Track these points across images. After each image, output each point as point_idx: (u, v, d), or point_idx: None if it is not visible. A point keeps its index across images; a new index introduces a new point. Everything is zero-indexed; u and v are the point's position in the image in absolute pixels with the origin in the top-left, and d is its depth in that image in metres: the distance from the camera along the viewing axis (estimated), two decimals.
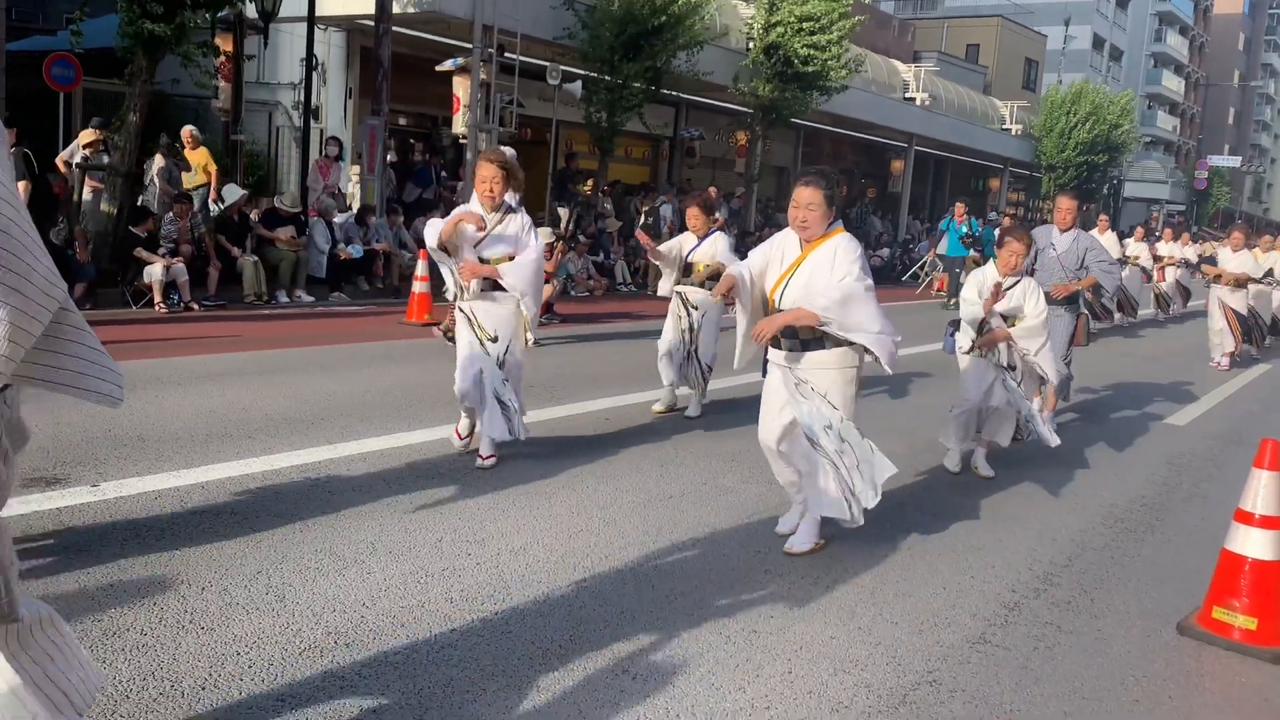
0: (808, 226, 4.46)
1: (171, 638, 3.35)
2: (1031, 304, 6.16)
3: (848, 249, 4.42)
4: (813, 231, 4.47)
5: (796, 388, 4.52)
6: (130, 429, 5.83)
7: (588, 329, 12.02)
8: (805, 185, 4.46)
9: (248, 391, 7.06)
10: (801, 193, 4.45)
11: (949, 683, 3.52)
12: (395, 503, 4.90)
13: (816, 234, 4.48)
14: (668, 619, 3.82)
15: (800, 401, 4.52)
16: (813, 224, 4.45)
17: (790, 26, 20.51)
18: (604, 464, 5.92)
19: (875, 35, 30.64)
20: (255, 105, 16.91)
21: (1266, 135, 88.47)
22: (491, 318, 5.59)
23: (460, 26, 16.47)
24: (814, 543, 4.68)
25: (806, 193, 4.43)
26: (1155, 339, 15.73)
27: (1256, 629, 3.99)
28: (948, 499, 5.78)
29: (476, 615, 3.72)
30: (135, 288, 10.87)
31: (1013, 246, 6.23)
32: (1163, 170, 56.84)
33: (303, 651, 3.34)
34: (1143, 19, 62.42)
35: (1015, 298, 6.19)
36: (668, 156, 24.31)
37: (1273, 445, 4.08)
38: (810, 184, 4.45)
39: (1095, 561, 4.94)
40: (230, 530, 4.36)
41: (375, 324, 11.19)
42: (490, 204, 5.50)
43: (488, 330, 5.59)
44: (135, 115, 11.73)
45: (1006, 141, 35.83)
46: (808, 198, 4.43)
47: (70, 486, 4.75)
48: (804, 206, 4.44)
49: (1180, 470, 7.01)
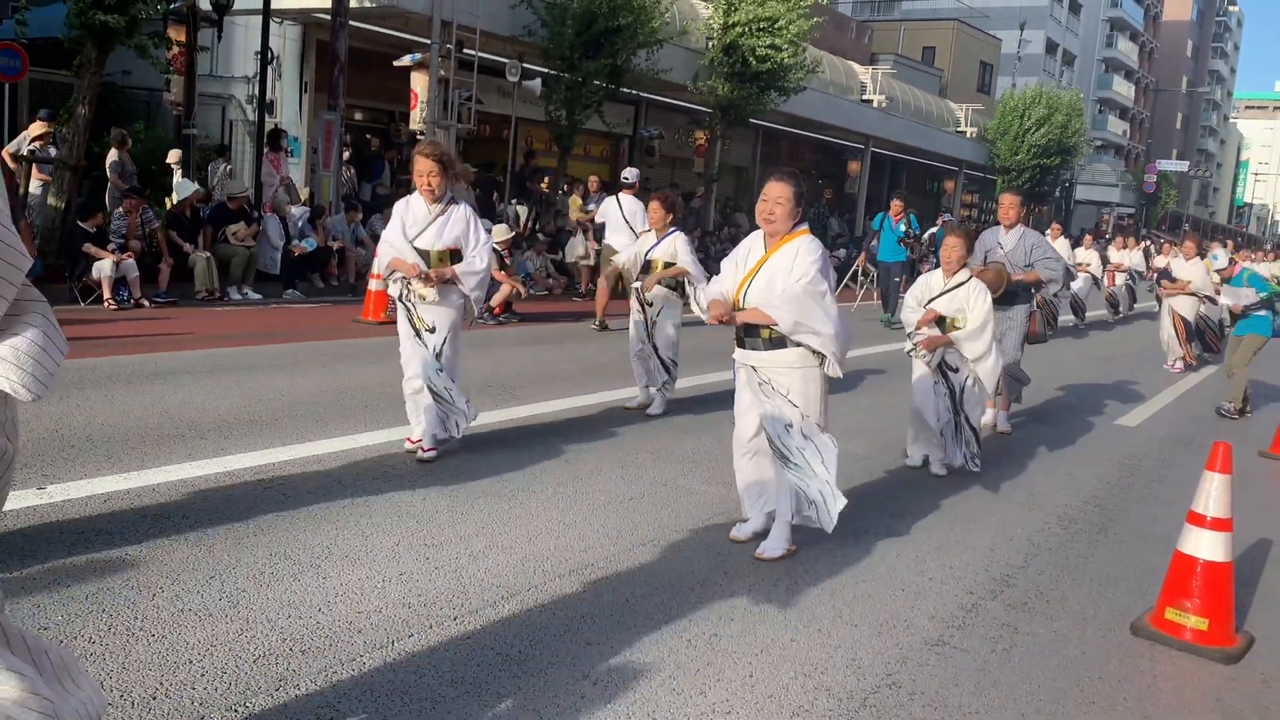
0: (773, 220, 4.50)
1: (121, 645, 3.27)
2: (976, 306, 6.18)
3: (808, 250, 4.47)
4: (778, 227, 4.51)
5: (760, 387, 4.57)
6: (79, 429, 5.70)
7: (547, 328, 11.97)
8: (776, 180, 4.54)
9: (200, 391, 6.93)
10: (771, 187, 4.51)
11: (908, 685, 3.53)
12: (351, 505, 4.83)
13: (781, 230, 4.52)
14: (628, 623, 3.80)
15: (763, 401, 4.56)
16: (779, 219, 4.49)
17: (750, 27, 20.58)
18: (564, 465, 5.88)
19: (833, 37, 30.81)
20: (209, 99, 16.66)
21: (1213, 140, 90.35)
22: (431, 310, 5.60)
23: (419, 22, 16.33)
24: (785, 548, 4.66)
25: (776, 187, 4.50)
26: (1106, 340, 15.97)
27: (1208, 629, 4.05)
28: (906, 499, 5.81)
29: (434, 620, 3.67)
30: (84, 283, 10.65)
31: (949, 242, 6.36)
32: (1113, 174, 57.82)
33: (257, 658, 3.27)
34: (1095, 24, 63.38)
35: (959, 299, 6.23)
36: (627, 155, 24.29)
37: (1223, 449, 4.15)
38: (780, 179, 4.54)
39: (1051, 562, 4.99)
40: (182, 534, 4.27)
41: (330, 321, 11.05)
42: (430, 197, 5.52)
43: (426, 321, 5.60)
44: (84, 108, 11.52)
45: (961, 144, 36.26)
46: (777, 192, 4.49)
47: (16, 489, 4.62)
48: (772, 200, 4.49)
49: (1132, 471, 7.11)
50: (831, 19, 28.01)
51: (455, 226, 5.55)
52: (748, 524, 4.86)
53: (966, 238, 6.44)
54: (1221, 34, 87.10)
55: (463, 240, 5.58)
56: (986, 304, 6.21)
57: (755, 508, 4.83)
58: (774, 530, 4.70)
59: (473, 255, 5.58)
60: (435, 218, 5.53)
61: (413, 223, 5.57)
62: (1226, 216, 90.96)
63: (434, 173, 5.39)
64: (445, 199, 5.55)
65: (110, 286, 10.52)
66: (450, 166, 5.45)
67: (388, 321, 10.85)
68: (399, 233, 5.58)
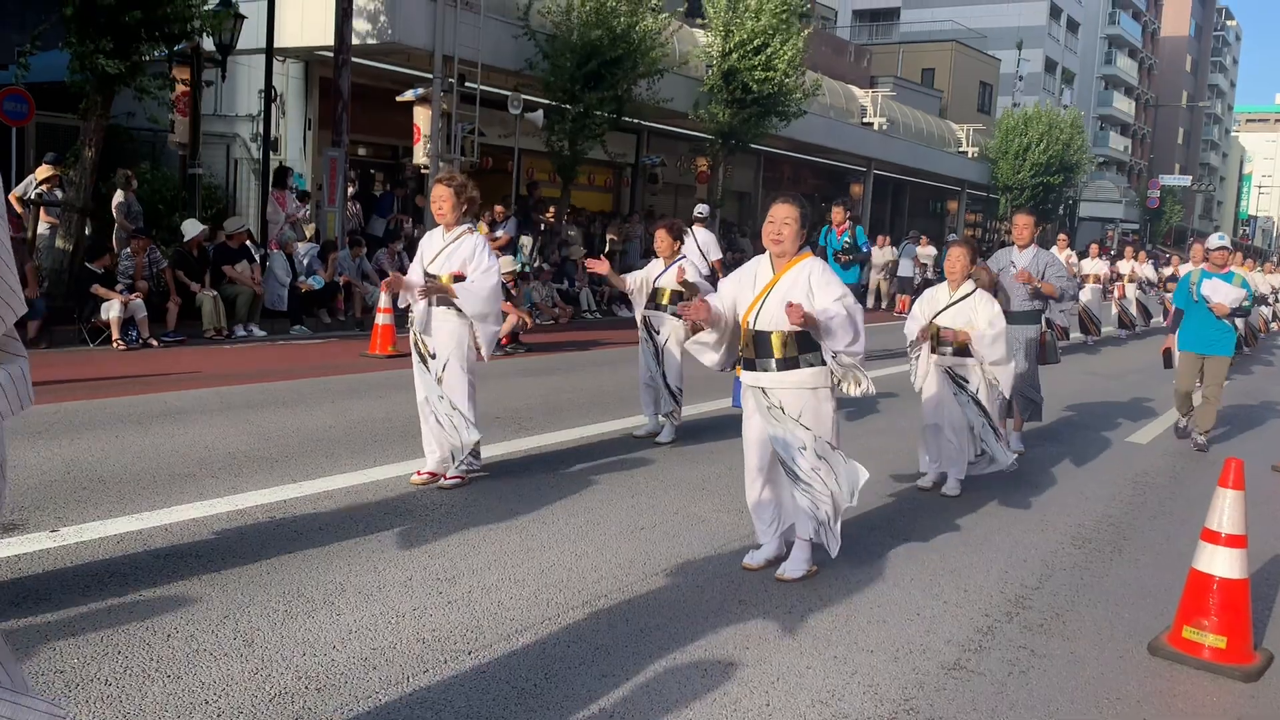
0: (781, 241, 4.54)
1: (137, 687, 3.27)
2: (983, 315, 6.21)
3: (824, 270, 4.55)
4: (785, 248, 4.55)
5: (769, 411, 4.57)
6: (90, 471, 5.72)
7: (554, 358, 11.99)
8: (783, 202, 4.59)
9: (210, 429, 6.95)
10: (779, 209, 4.56)
11: (926, 711, 3.51)
12: (364, 541, 4.84)
13: (789, 251, 4.56)
14: (643, 654, 3.78)
15: (773, 424, 4.58)
16: (787, 240, 4.53)
17: (746, 49, 20.69)
18: (575, 496, 5.88)
19: (832, 61, 31.01)
20: (213, 138, 16.78)
21: (1215, 154, 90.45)
22: (433, 335, 5.81)
23: (420, 57, 16.48)
24: (806, 569, 4.70)
25: (784, 209, 4.54)
26: (1116, 357, 15.94)
27: (1226, 647, 4.02)
28: (919, 522, 5.79)
29: (449, 655, 3.67)
30: (92, 325, 10.71)
31: (953, 253, 6.48)
32: (1116, 190, 57.86)
33: (273, 697, 3.27)
34: (1093, 42, 63.66)
35: (965, 311, 6.26)
36: (630, 184, 24.41)
37: (1236, 465, 4.13)
38: (787, 201, 4.59)
39: (1066, 583, 4.97)
40: (195, 573, 4.27)
41: (338, 357, 11.09)
42: (443, 221, 5.83)
43: (428, 346, 5.83)
44: (90, 150, 11.62)
45: (963, 164, 36.36)
46: (784, 214, 4.53)
47: (28, 532, 4.64)
48: (779, 221, 4.53)
49: (1145, 489, 7.08)
50: (830, 43, 28.23)
51: (463, 251, 5.79)
52: (760, 551, 4.84)
53: (970, 249, 6.48)
54: (1220, 48, 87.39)
55: (468, 263, 5.78)
56: (993, 309, 6.24)
57: (769, 533, 4.82)
58: (794, 551, 4.72)
59: (473, 276, 5.75)
60: (447, 245, 5.83)
61: (429, 251, 5.90)
62: (1231, 230, 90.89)
63: (445, 198, 5.73)
64: (461, 227, 5.84)
65: (119, 327, 10.57)
66: (460, 194, 5.74)
67: (395, 355, 10.88)
68: (417, 262, 5.95)
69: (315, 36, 15.63)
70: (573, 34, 17.30)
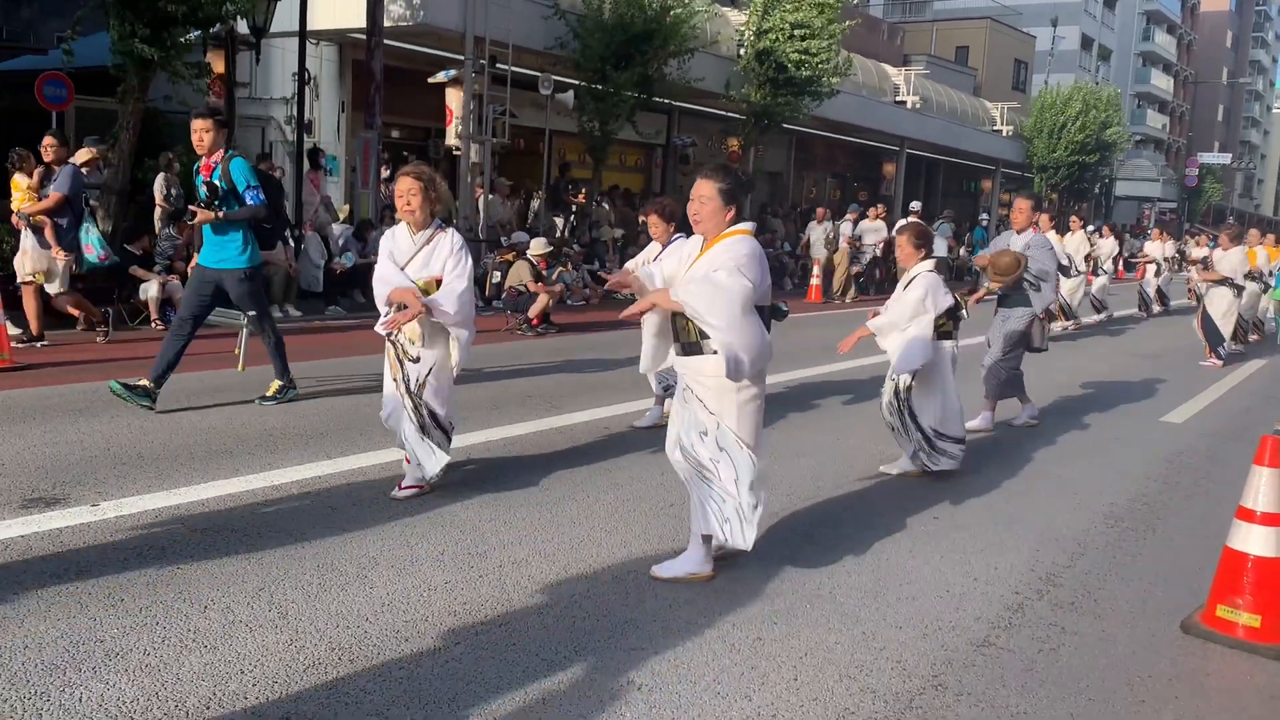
0: (699, 220, 4.22)
1: (175, 657, 3.34)
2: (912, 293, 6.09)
3: (734, 246, 4.13)
4: (705, 226, 4.22)
5: (683, 392, 4.32)
6: (129, 447, 5.82)
7: (585, 338, 12.02)
8: (702, 177, 4.25)
9: (245, 407, 7.05)
10: (697, 185, 4.24)
11: (954, 687, 3.51)
12: (395, 516, 4.89)
13: (709, 229, 4.21)
14: (671, 628, 3.81)
15: (681, 406, 4.33)
16: (704, 218, 4.18)
17: (782, 33, 20.59)
18: (605, 473, 5.91)
19: (865, 39, 30.70)
20: (248, 121, 16.92)
21: (1256, 131, 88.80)
22: (423, 337, 5.26)
23: (451, 39, 16.51)
24: (690, 570, 4.33)
25: (700, 185, 4.22)
26: (1149, 336, 15.75)
27: (1260, 626, 3.99)
28: (950, 501, 5.78)
29: (480, 628, 3.71)
30: (131, 305, 10.86)
31: (897, 241, 6.45)
32: (1154, 168, 56.94)
33: (307, 668, 3.33)
34: (1131, 18, 62.64)
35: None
36: (661, 164, 24.35)
37: (1273, 442, 4.09)
38: (706, 176, 4.24)
39: (1098, 561, 4.94)
40: (231, 548, 4.35)
41: (372, 337, 11.12)
42: (410, 218, 5.23)
43: (410, 352, 5.27)
44: (129, 133, 11.75)
45: (998, 143, 35.96)
46: (700, 190, 4.21)
47: (70, 506, 4.73)
48: (696, 199, 4.22)
49: (1179, 468, 7.01)
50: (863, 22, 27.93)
51: (440, 254, 5.22)
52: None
53: (914, 234, 6.31)
54: (1261, 23, 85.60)
55: (447, 265, 5.23)
56: (911, 293, 6.08)
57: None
58: (689, 548, 4.40)
59: (451, 277, 5.20)
60: (421, 247, 5.22)
61: (400, 254, 5.26)
62: (1272, 208, 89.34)
63: (414, 191, 5.13)
64: (432, 226, 5.25)
65: (156, 308, 10.72)
66: (431, 188, 5.19)
67: None
68: (392, 266, 5.24)
69: (348, 19, 15.70)
70: (603, 13, 17.28)
